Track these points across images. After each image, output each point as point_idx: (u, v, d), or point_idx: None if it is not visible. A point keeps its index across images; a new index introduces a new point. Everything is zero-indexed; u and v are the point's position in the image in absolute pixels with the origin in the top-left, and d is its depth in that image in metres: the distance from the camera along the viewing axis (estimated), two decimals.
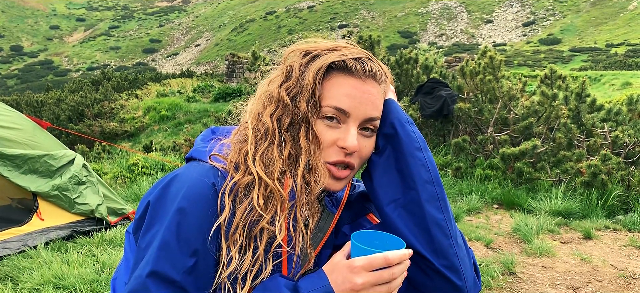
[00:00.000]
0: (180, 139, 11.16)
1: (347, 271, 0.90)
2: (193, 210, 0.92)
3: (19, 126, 3.78)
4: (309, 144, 0.98)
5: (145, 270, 0.90)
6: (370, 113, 1.02)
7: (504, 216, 4.75)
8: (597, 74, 24.14)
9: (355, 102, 1.00)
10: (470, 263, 1.08)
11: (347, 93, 1.00)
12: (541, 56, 79.69)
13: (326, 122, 0.99)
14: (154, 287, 0.89)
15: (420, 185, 1.03)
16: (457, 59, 15.72)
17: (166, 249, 0.90)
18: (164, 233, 0.91)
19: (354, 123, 1.00)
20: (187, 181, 0.95)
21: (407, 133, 1.05)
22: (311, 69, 0.99)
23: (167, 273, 0.89)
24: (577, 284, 3.02)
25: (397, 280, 0.91)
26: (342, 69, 1.01)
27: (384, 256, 0.88)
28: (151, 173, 6.69)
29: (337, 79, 1.00)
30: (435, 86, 7.35)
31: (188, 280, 0.91)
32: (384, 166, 1.07)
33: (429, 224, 1.02)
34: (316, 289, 0.92)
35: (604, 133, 5.99)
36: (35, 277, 2.90)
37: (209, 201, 0.93)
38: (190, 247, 0.91)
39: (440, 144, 7.26)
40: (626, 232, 4.14)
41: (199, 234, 0.91)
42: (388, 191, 1.06)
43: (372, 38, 8.56)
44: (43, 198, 3.61)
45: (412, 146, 1.05)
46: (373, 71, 1.03)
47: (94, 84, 22.38)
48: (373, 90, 1.03)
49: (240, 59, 19.21)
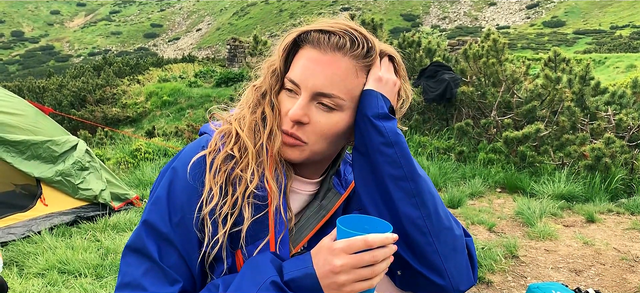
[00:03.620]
0: (183, 124, 11.15)
1: (327, 253, 0.91)
2: (183, 168, 1.02)
3: (22, 112, 3.77)
4: (270, 111, 1.04)
5: (141, 221, 1.02)
6: (321, 87, 0.99)
7: (506, 200, 4.75)
8: (602, 57, 23.97)
9: (306, 74, 1.00)
10: (460, 256, 1.05)
11: (301, 64, 1.01)
12: (545, 38, 79.09)
13: (286, 93, 1.04)
14: (145, 234, 0.99)
15: (391, 182, 1.00)
16: (460, 42, 15.59)
17: (157, 203, 1.01)
18: (159, 190, 1.03)
19: (304, 93, 1.00)
20: (187, 147, 1.08)
21: (374, 127, 1.00)
22: (280, 43, 1.05)
23: (156, 224, 0.99)
24: (579, 267, 3.03)
25: (381, 264, 0.90)
26: (307, 42, 1.02)
27: (364, 238, 0.88)
28: (154, 158, 6.70)
29: (302, 52, 1.03)
30: (438, 70, 7.30)
31: (175, 233, 0.99)
32: (362, 163, 1.05)
33: (405, 223, 1.00)
34: (298, 270, 0.93)
35: (608, 116, 5.95)
36: (40, 262, 2.92)
37: (199, 162, 1.02)
38: (177, 202, 1.00)
39: (443, 128, 7.23)
40: (629, 215, 4.14)
41: (185, 190, 1.01)
42: (366, 189, 1.05)
43: (374, 21, 8.49)
44: (46, 184, 3.62)
45: (378, 143, 1.00)
46: (341, 44, 0.99)
47: (96, 69, 22.32)
48: (334, 63, 0.99)
49: (241, 43, 19.10)
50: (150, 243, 0.98)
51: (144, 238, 0.99)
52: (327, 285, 0.91)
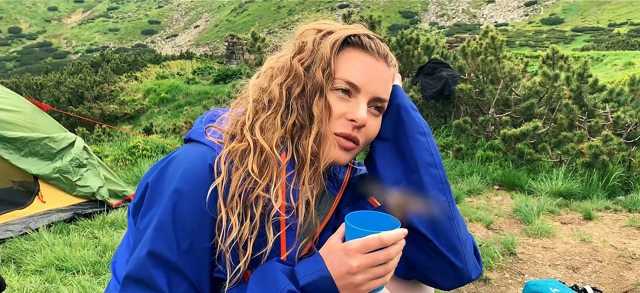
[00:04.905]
0: (181, 121, 11.14)
1: (342, 254, 0.90)
2: (189, 190, 0.92)
3: (19, 109, 3.76)
4: (321, 113, 0.98)
5: (143, 251, 0.91)
6: (380, 92, 1.04)
7: (504, 197, 4.76)
8: (600, 54, 24.01)
9: (367, 78, 1.01)
10: (470, 247, 1.09)
11: (360, 68, 1.01)
12: (543, 36, 79.12)
13: (338, 94, 1.00)
14: (151, 265, 0.90)
15: (423, 167, 1.05)
16: (458, 40, 15.60)
17: (162, 230, 0.90)
18: (160, 214, 0.91)
19: (364, 98, 1.01)
20: (184, 162, 0.95)
21: (410, 117, 1.07)
22: (328, 41, 1.00)
23: (163, 254, 0.90)
24: (577, 264, 3.04)
25: (394, 260, 0.91)
26: (357, 45, 1.02)
27: (379, 237, 0.88)
28: (152, 155, 6.69)
29: (352, 54, 1.02)
30: (437, 67, 7.30)
31: (184, 261, 0.91)
32: (388, 150, 1.08)
33: (432, 206, 1.04)
34: (313, 273, 0.91)
35: (606, 113, 5.97)
36: (38, 259, 2.91)
37: (206, 181, 0.93)
38: (185, 228, 0.91)
39: (441, 125, 7.23)
40: (626, 213, 4.15)
41: (194, 214, 0.91)
42: (391, 174, 1.07)
43: (372, 18, 8.48)
44: (44, 181, 3.61)
45: (415, 131, 1.07)
46: (385, 53, 1.05)
47: (93, 66, 22.27)
48: (384, 70, 1.05)
49: (239, 40, 19.07)
50: (157, 274, 0.90)
51: (149, 269, 0.90)
52: (343, 286, 0.91)
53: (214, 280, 0.98)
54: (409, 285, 1.15)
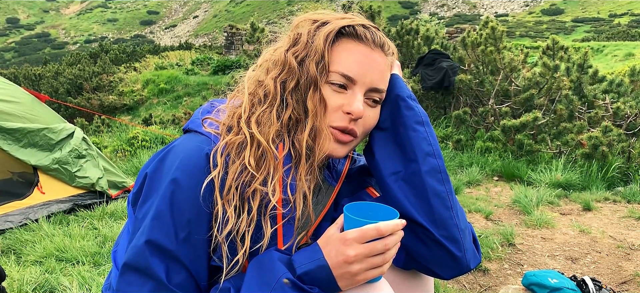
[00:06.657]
0: (180, 112, 11.12)
1: (340, 244, 0.90)
2: (186, 180, 0.92)
3: (18, 100, 3.75)
4: (316, 107, 0.97)
5: (141, 240, 0.91)
6: (376, 83, 1.02)
7: (504, 188, 4.76)
8: (600, 45, 23.94)
9: (362, 69, 1.00)
10: (469, 236, 1.09)
11: (356, 60, 0.99)
12: (543, 26, 78.88)
13: (333, 87, 0.99)
14: (149, 253, 0.90)
15: (421, 157, 1.04)
16: (458, 30, 15.54)
17: (160, 219, 0.91)
18: (158, 204, 0.92)
19: (360, 89, 1.00)
20: (182, 152, 0.95)
21: (409, 107, 1.06)
22: (321, 33, 0.99)
23: (161, 242, 0.90)
24: (575, 255, 3.04)
25: (391, 250, 0.91)
26: (352, 36, 1.01)
27: (376, 227, 0.88)
28: (151, 146, 6.68)
29: (346, 45, 1.00)
30: (437, 58, 7.28)
31: (182, 250, 0.92)
32: (386, 140, 1.08)
33: (430, 195, 1.03)
34: (310, 262, 0.92)
35: (606, 104, 5.96)
36: (38, 249, 2.92)
37: (203, 171, 0.93)
38: (183, 217, 0.91)
39: (441, 116, 7.23)
40: (625, 203, 4.16)
41: (192, 204, 0.92)
42: (389, 164, 1.07)
43: (372, 8, 8.44)
44: (43, 172, 3.61)
45: (413, 120, 1.06)
46: (381, 42, 1.04)
47: (92, 57, 22.18)
48: (380, 60, 1.03)
49: (239, 30, 18.97)
50: (155, 262, 0.90)
51: (147, 257, 0.90)
52: (340, 275, 0.91)
53: (212, 268, 0.99)
54: (408, 275, 1.16)
